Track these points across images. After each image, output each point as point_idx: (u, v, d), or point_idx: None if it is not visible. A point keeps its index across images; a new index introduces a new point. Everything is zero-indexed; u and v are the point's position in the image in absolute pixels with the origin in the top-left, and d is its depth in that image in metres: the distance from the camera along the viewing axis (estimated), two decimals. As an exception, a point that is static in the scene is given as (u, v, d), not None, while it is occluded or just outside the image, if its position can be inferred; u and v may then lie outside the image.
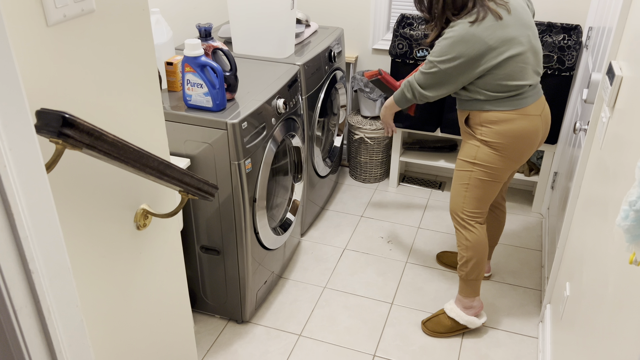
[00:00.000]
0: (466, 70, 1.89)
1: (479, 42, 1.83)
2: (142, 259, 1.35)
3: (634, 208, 0.88)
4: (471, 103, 1.99)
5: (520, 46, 1.87)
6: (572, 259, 1.87)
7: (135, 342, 1.40)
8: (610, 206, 1.41)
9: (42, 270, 0.84)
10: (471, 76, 1.91)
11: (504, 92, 1.92)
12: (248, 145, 1.99)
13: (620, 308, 1.15)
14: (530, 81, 1.93)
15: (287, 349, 2.24)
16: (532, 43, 1.92)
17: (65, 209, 1.07)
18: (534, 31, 1.94)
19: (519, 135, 1.96)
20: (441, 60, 1.90)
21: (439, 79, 1.94)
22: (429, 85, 1.98)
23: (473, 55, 1.85)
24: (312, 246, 2.85)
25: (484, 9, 1.84)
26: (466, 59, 1.86)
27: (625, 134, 1.39)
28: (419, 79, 2.00)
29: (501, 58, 1.86)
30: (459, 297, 2.27)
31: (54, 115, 0.90)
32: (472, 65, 1.88)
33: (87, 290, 1.17)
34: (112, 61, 1.13)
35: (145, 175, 1.14)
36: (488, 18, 1.83)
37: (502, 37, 1.84)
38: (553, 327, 2.06)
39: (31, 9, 0.92)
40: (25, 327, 0.84)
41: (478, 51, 1.84)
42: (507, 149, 1.98)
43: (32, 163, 0.81)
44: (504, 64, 1.87)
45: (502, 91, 1.91)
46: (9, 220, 0.77)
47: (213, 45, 2.02)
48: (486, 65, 1.87)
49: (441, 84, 1.96)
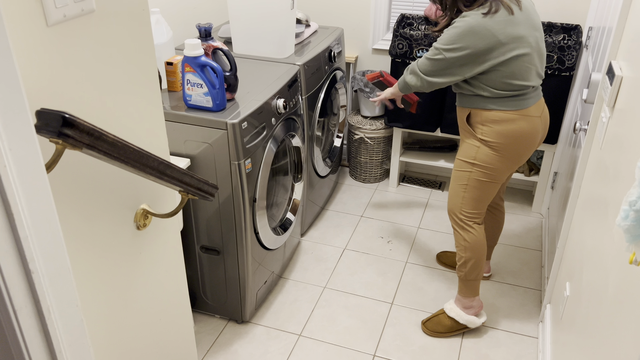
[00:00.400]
0: (471, 63, 1.88)
1: (489, 36, 1.82)
2: (142, 259, 1.35)
3: (634, 208, 0.88)
4: (474, 100, 1.98)
5: (528, 46, 1.87)
6: (572, 259, 1.87)
7: (135, 342, 1.40)
8: (611, 206, 1.41)
9: (42, 270, 0.84)
10: (476, 70, 1.89)
11: (508, 91, 1.91)
12: (248, 145, 1.99)
13: (621, 308, 1.15)
14: (533, 82, 1.93)
15: (287, 349, 2.24)
16: (539, 45, 1.92)
17: (65, 209, 1.07)
18: (541, 33, 1.94)
19: (519, 136, 1.96)
20: (448, 48, 1.87)
21: (443, 67, 1.92)
22: (431, 72, 1.96)
23: (481, 48, 1.83)
24: (312, 246, 2.86)
25: (497, 2, 1.82)
26: (473, 50, 1.84)
27: (625, 134, 1.39)
28: (422, 64, 1.98)
29: (509, 55, 1.85)
30: (459, 297, 2.27)
31: (54, 115, 0.90)
32: (478, 59, 1.86)
33: (87, 290, 1.17)
34: (112, 61, 1.13)
35: (145, 175, 1.14)
36: (501, 12, 1.81)
37: (513, 34, 1.83)
38: (553, 327, 2.06)
39: (31, 9, 0.92)
40: (25, 327, 0.84)
41: (487, 45, 1.83)
42: (507, 150, 1.98)
43: (32, 163, 0.81)
44: (510, 62, 1.86)
45: (507, 89, 1.91)
46: (9, 220, 0.77)
47: (213, 45, 2.02)
48: (493, 61, 1.86)
49: (444, 72, 1.94)
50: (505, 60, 1.85)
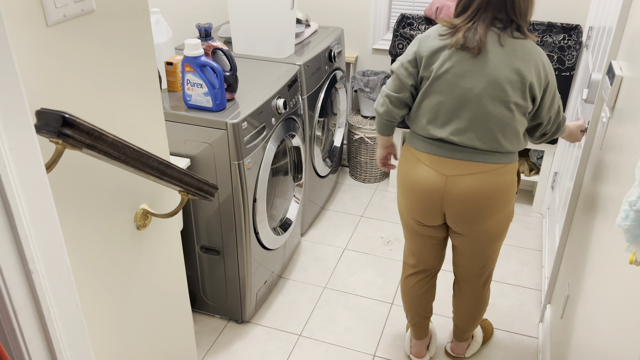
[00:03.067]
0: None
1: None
2: (142, 259, 1.35)
3: (634, 208, 0.88)
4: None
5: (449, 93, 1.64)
6: (573, 259, 1.87)
7: (135, 342, 1.40)
8: (611, 206, 1.41)
9: (42, 270, 0.84)
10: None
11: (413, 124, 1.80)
12: (248, 145, 1.99)
13: (621, 308, 1.15)
14: (439, 134, 1.69)
15: (287, 349, 2.24)
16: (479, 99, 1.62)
17: (65, 209, 1.07)
18: (496, 91, 1.59)
19: (400, 168, 1.83)
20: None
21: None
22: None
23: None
24: (312, 246, 2.85)
25: (459, 34, 1.59)
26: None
27: (626, 134, 1.39)
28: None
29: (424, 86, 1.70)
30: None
31: (53, 115, 0.90)
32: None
33: (87, 290, 1.17)
34: (112, 61, 1.13)
35: (145, 175, 1.14)
36: (454, 42, 1.60)
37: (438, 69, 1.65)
38: (553, 328, 2.06)
39: (31, 9, 0.92)
40: (25, 327, 0.84)
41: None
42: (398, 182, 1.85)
43: (32, 163, 0.81)
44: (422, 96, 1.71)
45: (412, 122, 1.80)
46: (9, 220, 0.78)
47: (213, 45, 2.02)
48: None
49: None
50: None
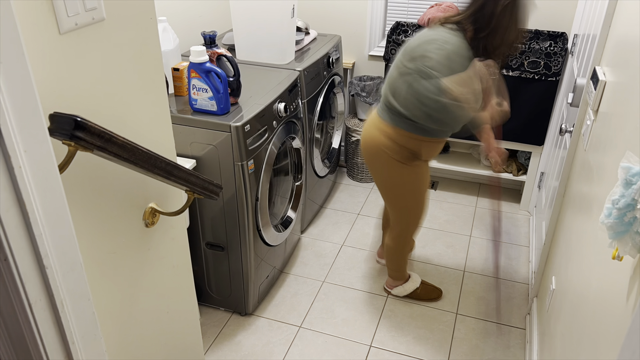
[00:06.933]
0: None
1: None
2: (150, 255, 1.35)
3: (617, 206, 0.89)
4: None
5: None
6: (558, 254, 1.87)
7: (144, 333, 1.40)
8: (594, 204, 1.41)
9: (55, 265, 0.84)
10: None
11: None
12: (251, 147, 1.99)
13: (603, 301, 1.16)
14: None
15: (288, 340, 2.24)
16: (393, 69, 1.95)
17: (77, 207, 1.07)
18: (402, 61, 1.88)
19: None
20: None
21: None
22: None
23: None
24: (311, 242, 2.86)
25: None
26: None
27: (609, 136, 1.40)
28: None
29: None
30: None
31: (66, 119, 0.90)
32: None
33: (98, 285, 1.17)
34: (122, 67, 1.13)
35: (154, 175, 1.14)
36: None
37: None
38: (540, 319, 2.07)
39: (44, 18, 0.92)
40: (39, 319, 0.84)
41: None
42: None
43: (46, 164, 0.81)
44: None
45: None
46: (24, 218, 0.78)
47: (217, 52, 2.02)
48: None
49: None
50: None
